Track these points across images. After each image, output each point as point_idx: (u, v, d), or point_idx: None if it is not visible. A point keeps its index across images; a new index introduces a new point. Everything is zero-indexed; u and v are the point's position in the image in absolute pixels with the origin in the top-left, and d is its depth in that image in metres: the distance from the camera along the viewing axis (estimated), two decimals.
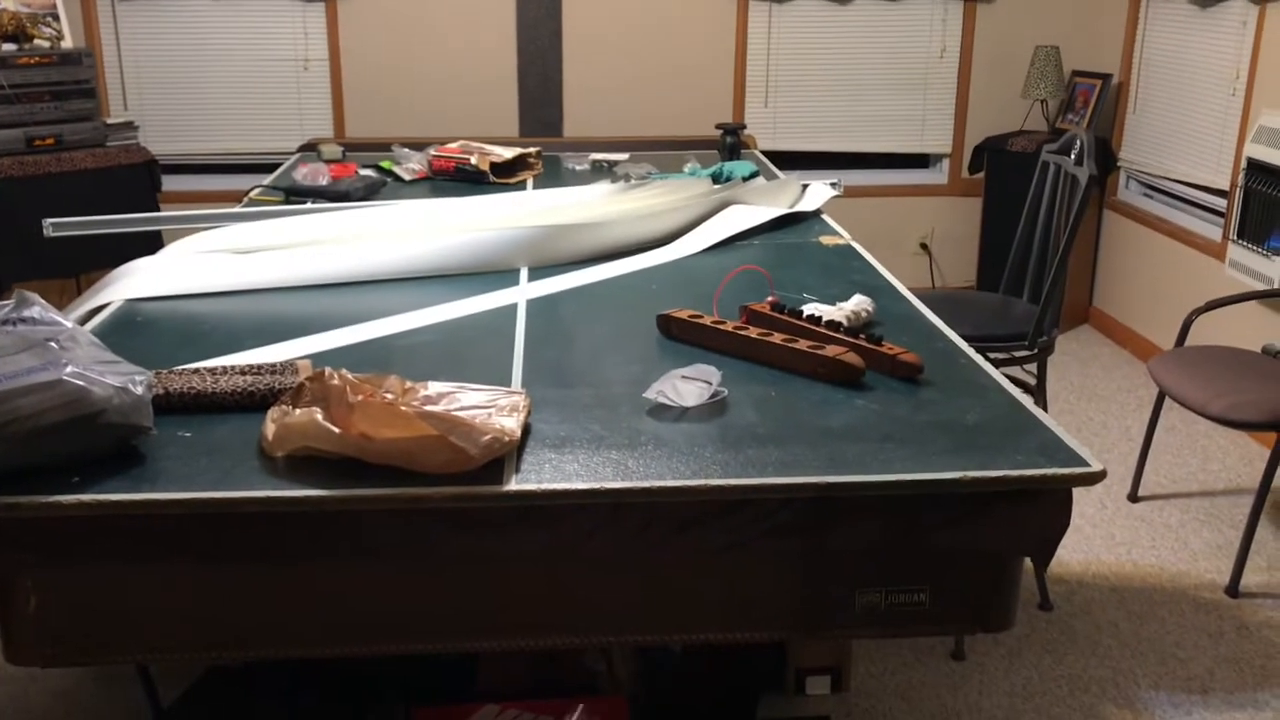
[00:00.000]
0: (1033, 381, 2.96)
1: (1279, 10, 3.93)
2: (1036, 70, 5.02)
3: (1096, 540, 3.26)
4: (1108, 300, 5.18)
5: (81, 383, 1.47)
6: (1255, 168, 3.78)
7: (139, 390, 1.52)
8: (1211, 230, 4.40)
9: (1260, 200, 3.75)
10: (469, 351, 2.01)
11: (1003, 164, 5.06)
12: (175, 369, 1.81)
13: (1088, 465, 1.52)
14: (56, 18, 4.48)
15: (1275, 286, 3.65)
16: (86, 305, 2.31)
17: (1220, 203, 4.34)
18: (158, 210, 4.63)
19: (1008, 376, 2.85)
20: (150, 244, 3.89)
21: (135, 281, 2.34)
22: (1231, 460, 3.78)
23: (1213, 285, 4.23)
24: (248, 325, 2.15)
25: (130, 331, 2.11)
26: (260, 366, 1.82)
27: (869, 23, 5.26)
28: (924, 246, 5.53)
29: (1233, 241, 3.94)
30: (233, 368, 1.82)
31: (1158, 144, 4.77)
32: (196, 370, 1.80)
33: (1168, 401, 3.48)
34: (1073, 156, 2.88)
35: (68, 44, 4.46)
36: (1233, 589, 3.00)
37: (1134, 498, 3.51)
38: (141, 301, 2.28)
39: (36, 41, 4.33)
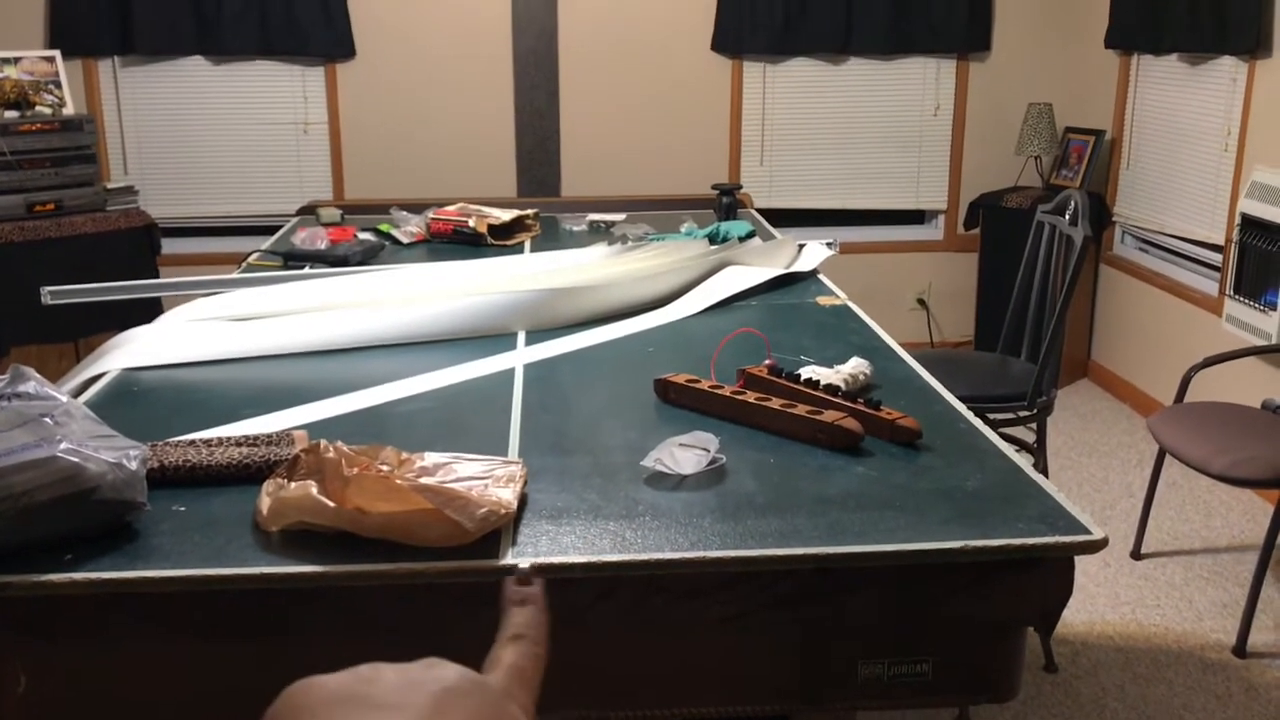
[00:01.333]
0: (1033, 441, 2.95)
1: (1268, 67, 3.98)
2: (1030, 127, 5.07)
3: (1100, 599, 3.23)
4: (1106, 354, 5.18)
5: (75, 459, 1.46)
6: (1250, 223, 3.80)
7: (133, 465, 1.51)
8: (1208, 285, 4.42)
9: (1256, 255, 3.77)
10: (466, 419, 2.00)
11: (998, 220, 5.08)
12: (171, 440, 1.80)
13: (1089, 533, 1.51)
14: (59, 85, 4.52)
15: (1273, 342, 3.65)
16: (84, 374, 2.31)
17: (1216, 257, 4.36)
18: (157, 273, 4.65)
19: (1007, 437, 2.84)
20: (150, 308, 3.91)
21: (132, 350, 2.34)
22: (1234, 516, 3.76)
23: (1210, 340, 4.24)
24: (244, 394, 2.15)
25: (127, 401, 2.11)
26: (256, 437, 1.81)
27: (863, 81, 5.31)
28: (921, 302, 5.54)
29: (1229, 297, 3.95)
30: (228, 439, 1.81)
31: (1152, 199, 4.80)
32: (192, 442, 1.79)
33: (1169, 457, 3.47)
34: (1067, 216, 2.90)
35: (69, 110, 4.50)
36: (1240, 649, 2.97)
37: (1137, 555, 3.49)
38: (139, 370, 2.28)
39: (39, 108, 4.37)
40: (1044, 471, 3.04)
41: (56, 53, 4.60)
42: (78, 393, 2.20)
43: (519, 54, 5.13)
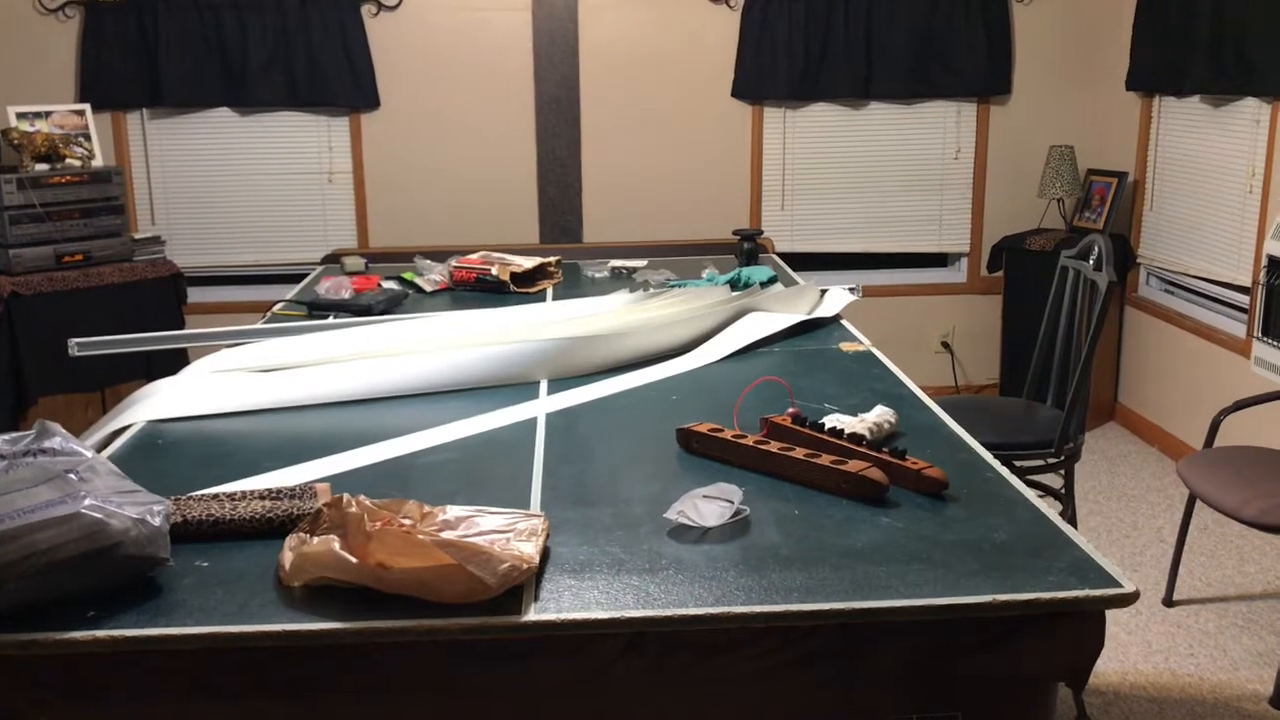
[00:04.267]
0: (1060, 488, 2.92)
1: None
2: (1052, 169, 5.06)
3: (1133, 648, 3.18)
4: (1133, 397, 5.14)
5: (99, 515, 1.46)
6: (1277, 265, 3.76)
7: (157, 521, 1.51)
8: (1235, 326, 4.38)
9: None
10: (488, 470, 1.99)
11: (1021, 262, 5.07)
12: (194, 494, 1.80)
13: (1121, 586, 1.49)
14: (88, 137, 4.59)
15: None
16: (110, 426, 2.32)
17: (1242, 299, 4.33)
18: (183, 322, 4.69)
19: (1035, 484, 2.81)
20: (175, 358, 3.94)
21: (157, 402, 2.35)
22: (1268, 561, 3.70)
23: (1239, 382, 4.19)
24: (268, 446, 2.15)
25: (151, 454, 2.11)
26: (279, 491, 1.81)
27: (883, 125, 5.33)
28: (945, 345, 5.52)
29: (1257, 339, 3.91)
30: (251, 492, 1.81)
31: (1176, 241, 4.78)
32: (215, 496, 1.79)
33: (1199, 502, 3.42)
34: (1091, 261, 2.88)
35: (98, 162, 4.57)
36: (1277, 700, 2.91)
37: (1169, 602, 3.43)
38: (163, 423, 2.29)
39: (69, 161, 4.43)
40: (1072, 519, 3.01)
41: (86, 106, 4.67)
42: (104, 445, 2.22)
43: (541, 102, 5.18)
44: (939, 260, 5.59)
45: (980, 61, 5.16)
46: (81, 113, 4.64)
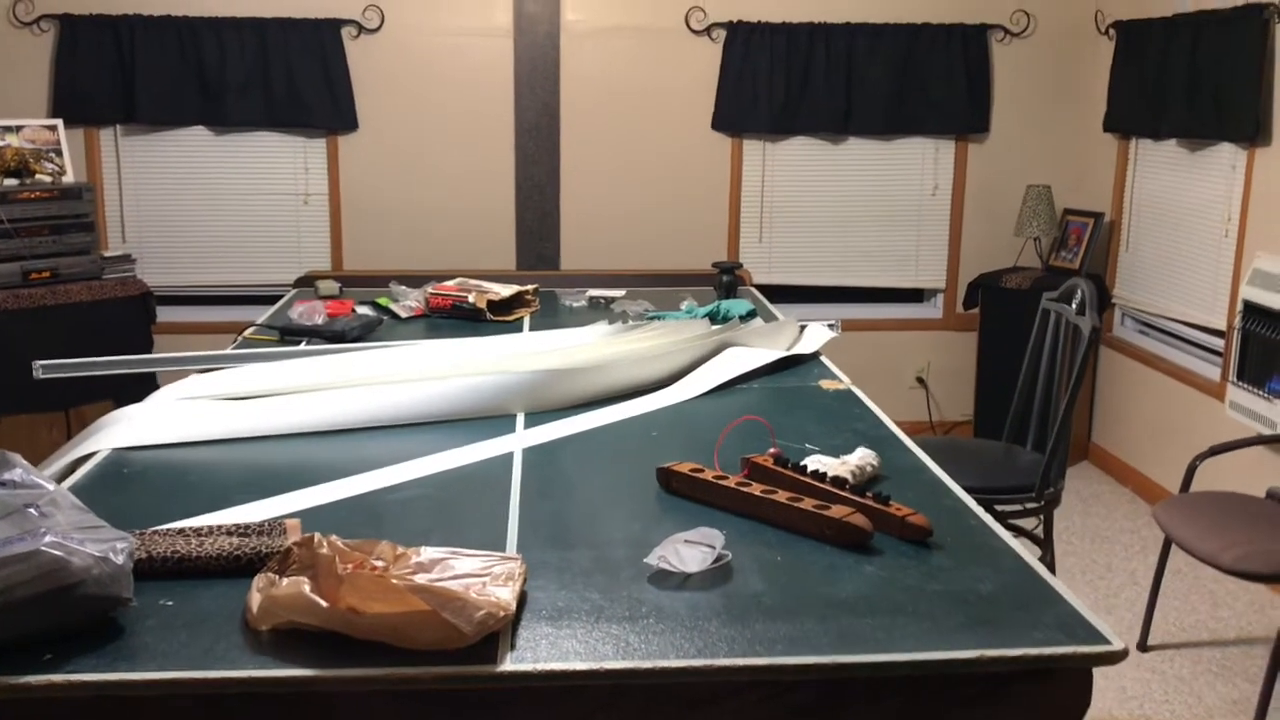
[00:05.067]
0: (1036, 528, 2.90)
1: (1268, 154, 3.99)
2: (1029, 208, 5.08)
3: (1109, 693, 3.16)
4: (1107, 437, 5.15)
5: (60, 553, 1.41)
6: (1252, 310, 3.78)
7: (120, 559, 1.46)
8: (1210, 370, 4.39)
9: (1259, 343, 3.75)
10: (464, 507, 1.95)
11: (997, 300, 5.08)
12: (160, 529, 1.75)
13: (1109, 643, 1.46)
14: (60, 153, 4.52)
15: (1278, 430, 3.61)
16: (74, 453, 2.26)
17: (1217, 342, 4.34)
18: (152, 341, 4.61)
19: (1014, 528, 2.79)
20: (143, 378, 3.86)
21: (123, 429, 2.29)
22: (1241, 606, 3.70)
23: (1214, 426, 4.20)
24: (237, 477, 2.10)
25: (116, 484, 2.05)
26: (248, 527, 1.76)
27: (862, 160, 5.34)
28: (921, 380, 5.51)
29: (1232, 383, 3.92)
30: (219, 528, 1.76)
31: (1151, 282, 4.80)
32: (181, 531, 1.74)
33: (1174, 546, 3.41)
34: (1074, 305, 2.87)
35: (69, 179, 4.49)
36: None
37: (1144, 647, 3.42)
38: (130, 450, 2.23)
39: (39, 176, 4.36)
40: (1051, 564, 2.98)
41: (59, 121, 4.60)
42: (67, 473, 2.15)
43: (521, 129, 5.15)
44: (915, 296, 5.60)
45: (959, 99, 5.19)
46: (54, 128, 4.56)
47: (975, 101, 5.21)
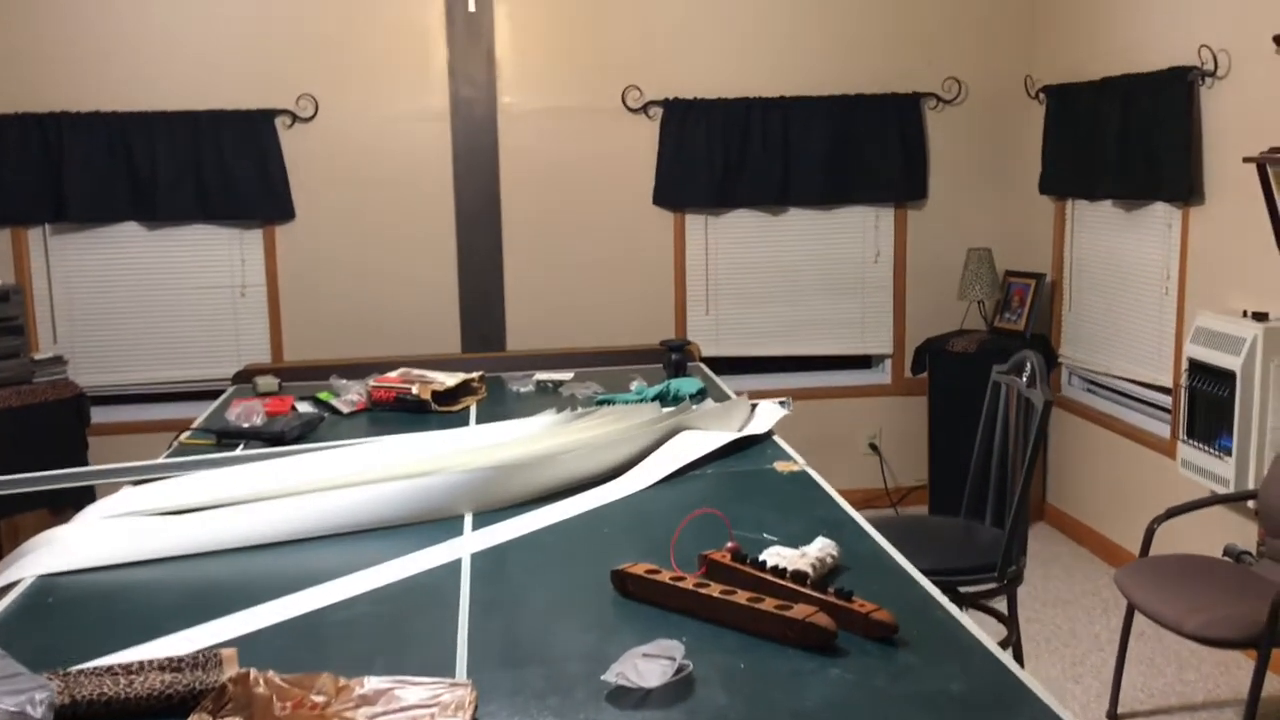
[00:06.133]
0: (1003, 607, 2.85)
1: (1202, 213, 4.05)
2: (971, 272, 5.11)
3: None
4: (1061, 497, 5.14)
5: None
6: (1198, 368, 3.80)
7: (38, 713, 1.36)
8: (1158, 427, 4.41)
9: (1206, 400, 3.76)
10: (409, 624, 1.86)
11: (945, 364, 5.08)
12: (86, 668, 1.64)
13: None
14: None
15: (1231, 489, 3.61)
16: None
17: (1164, 399, 4.36)
18: (86, 445, 4.48)
19: (981, 607, 2.74)
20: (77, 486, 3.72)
21: (50, 554, 2.18)
22: (1208, 669, 3.66)
23: (1166, 484, 4.20)
24: (170, 601, 1.99)
25: (40, 616, 1.94)
26: (181, 660, 1.66)
27: (803, 230, 5.35)
28: (873, 447, 5.49)
29: (1182, 441, 3.93)
30: (150, 662, 1.65)
31: (1095, 341, 4.83)
32: (110, 669, 1.64)
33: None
34: (1024, 378, 2.86)
35: None
36: None
37: (1114, 715, 3.37)
38: (56, 576, 2.12)
39: None
40: (1018, 645, 2.93)
41: None
42: None
43: (461, 211, 5.12)
44: (863, 362, 5.59)
45: (896, 168, 5.23)
46: None
47: (912, 169, 5.26)
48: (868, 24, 5.21)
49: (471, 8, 4.03)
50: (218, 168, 4.85)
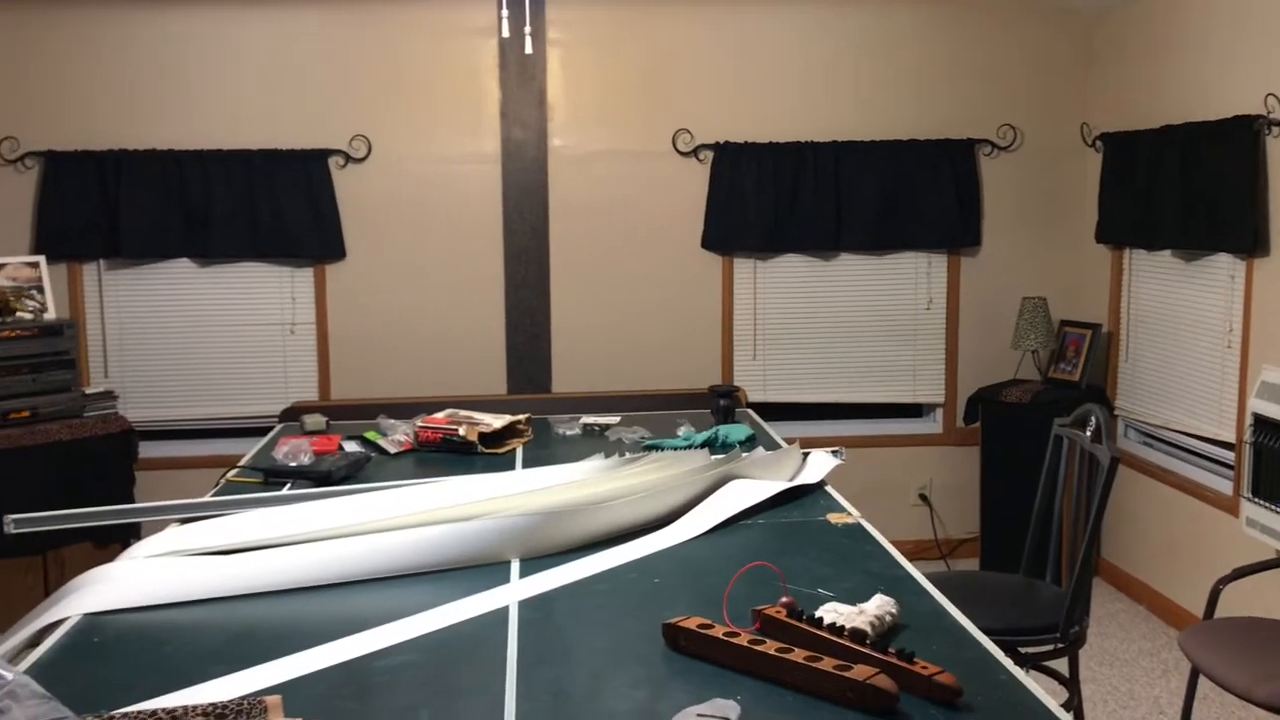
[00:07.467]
0: (1065, 669, 2.76)
1: (1267, 265, 3.95)
2: (1025, 321, 5.03)
3: None
4: (1117, 553, 5.01)
5: None
6: (1263, 423, 3.69)
7: None
8: (1220, 483, 4.29)
9: (1272, 457, 3.65)
10: (456, 675, 1.81)
11: (997, 414, 4.99)
12: (130, 711, 1.61)
13: None
14: (41, 290, 4.46)
15: None
16: (44, 619, 2.13)
17: (1226, 454, 4.25)
18: (133, 479, 4.49)
19: (1041, 668, 2.64)
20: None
21: (96, 592, 2.16)
22: None
23: (1230, 542, 4.08)
24: (215, 644, 1.96)
25: (86, 656, 1.92)
26: (225, 706, 1.63)
27: (854, 276, 5.30)
28: (924, 497, 5.39)
29: (1246, 498, 3.81)
30: (194, 708, 1.62)
31: (1153, 393, 4.72)
32: (153, 713, 1.60)
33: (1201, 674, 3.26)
34: (1089, 433, 2.78)
35: (51, 315, 4.42)
36: None
37: None
38: (102, 615, 2.10)
39: (20, 314, 4.29)
40: (1079, 710, 2.82)
41: (41, 258, 4.55)
42: (36, 641, 2.02)
43: (510, 253, 5.12)
44: (914, 410, 5.51)
45: (949, 214, 5.17)
46: (35, 264, 4.51)
47: (966, 216, 5.20)
48: (922, 69, 5.18)
49: (529, 49, 4.04)
50: (271, 207, 4.88)
